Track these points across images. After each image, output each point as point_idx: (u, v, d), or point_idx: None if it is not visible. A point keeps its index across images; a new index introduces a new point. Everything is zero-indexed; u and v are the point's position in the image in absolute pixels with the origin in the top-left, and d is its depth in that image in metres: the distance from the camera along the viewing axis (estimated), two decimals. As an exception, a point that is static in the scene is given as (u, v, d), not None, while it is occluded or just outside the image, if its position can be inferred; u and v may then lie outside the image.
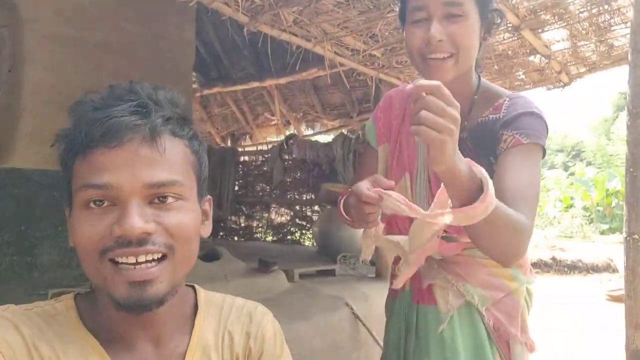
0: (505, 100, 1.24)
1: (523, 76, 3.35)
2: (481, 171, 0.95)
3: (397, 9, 1.30)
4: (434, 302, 1.30)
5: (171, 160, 0.68)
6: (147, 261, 0.65)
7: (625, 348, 1.46)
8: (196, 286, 0.84)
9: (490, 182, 0.94)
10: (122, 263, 0.64)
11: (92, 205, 0.65)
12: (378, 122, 1.44)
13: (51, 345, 0.66)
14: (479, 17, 1.17)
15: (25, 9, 2.86)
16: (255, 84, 5.76)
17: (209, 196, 0.80)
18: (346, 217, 1.22)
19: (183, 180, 0.69)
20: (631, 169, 1.39)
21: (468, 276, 1.26)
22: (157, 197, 0.67)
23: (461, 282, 1.26)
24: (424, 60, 1.18)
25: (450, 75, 1.18)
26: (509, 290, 1.27)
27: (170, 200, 0.67)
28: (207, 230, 0.78)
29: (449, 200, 0.99)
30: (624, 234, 1.41)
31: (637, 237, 1.37)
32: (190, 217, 0.70)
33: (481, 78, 1.30)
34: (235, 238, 6.62)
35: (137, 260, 0.64)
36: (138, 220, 0.63)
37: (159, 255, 0.66)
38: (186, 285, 0.82)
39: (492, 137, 1.20)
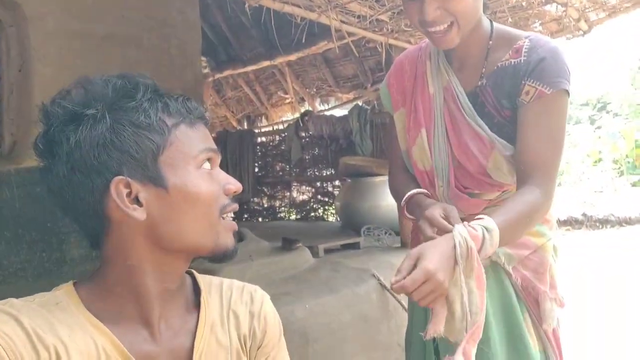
0: (524, 42, 1.20)
1: (540, 27, 3.22)
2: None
3: None
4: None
5: None
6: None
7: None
8: (193, 271, 0.87)
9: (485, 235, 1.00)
10: (227, 218, 0.78)
11: (204, 167, 0.76)
12: (391, 89, 1.43)
13: (56, 333, 0.66)
14: None
15: (28, 6, 2.85)
16: (266, 63, 5.70)
17: None
18: (411, 217, 1.28)
19: None
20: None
21: None
22: None
23: None
24: (426, 32, 1.18)
25: (456, 41, 1.17)
26: (535, 246, 1.24)
27: None
28: None
29: None
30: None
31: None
32: None
33: (494, 23, 1.27)
34: (260, 219, 6.66)
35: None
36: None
37: None
38: None
39: (515, 82, 1.18)
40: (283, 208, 6.52)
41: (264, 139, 6.70)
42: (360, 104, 5.40)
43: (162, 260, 0.74)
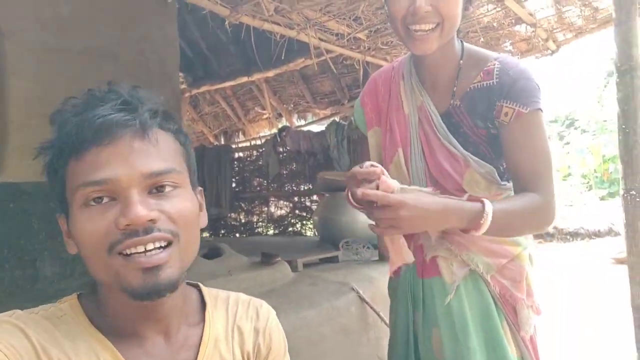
0: (495, 65, 1.24)
1: (510, 47, 3.34)
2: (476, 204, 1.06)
3: None
4: (438, 274, 1.29)
5: (164, 150, 0.70)
6: (155, 248, 0.66)
7: (630, 304, 1.47)
8: (199, 284, 0.85)
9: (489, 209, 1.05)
10: (132, 254, 0.66)
11: (92, 203, 0.66)
12: (365, 108, 1.45)
13: (60, 346, 0.66)
14: None
15: (4, 22, 2.83)
16: (244, 79, 5.73)
17: (199, 187, 0.82)
18: (357, 205, 1.21)
19: (178, 168, 0.71)
20: (623, 126, 1.39)
21: (470, 244, 1.25)
22: (155, 187, 0.69)
23: (464, 252, 1.26)
24: (408, 31, 1.18)
25: (434, 47, 1.19)
26: (512, 255, 1.28)
27: (168, 189, 0.69)
28: (204, 220, 0.80)
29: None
30: (621, 191, 1.42)
31: (635, 193, 1.37)
32: (189, 203, 0.72)
33: (464, 43, 1.31)
34: (237, 234, 6.62)
35: (145, 248, 0.66)
36: (142, 208, 0.65)
37: (165, 243, 0.68)
38: (188, 284, 0.83)
39: (489, 104, 1.22)
40: (260, 223, 6.50)
41: (241, 154, 6.69)
42: (337, 119, 5.46)
43: (112, 292, 0.70)
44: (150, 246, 0.66)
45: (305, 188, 5.99)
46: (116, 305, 0.71)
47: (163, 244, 0.67)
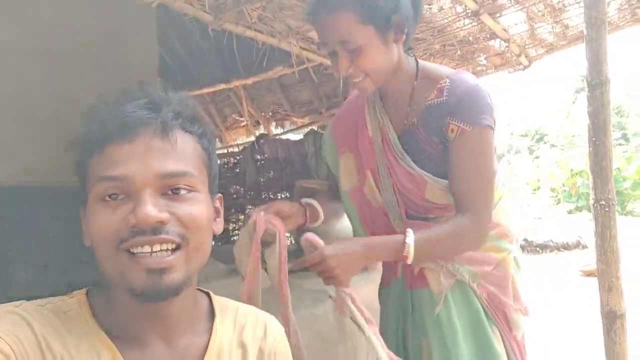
0: (446, 83, 1.27)
1: (485, 61, 3.43)
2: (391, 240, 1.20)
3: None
4: (426, 285, 1.33)
5: (183, 153, 0.71)
6: (162, 250, 0.67)
7: (600, 311, 1.52)
8: (210, 292, 0.85)
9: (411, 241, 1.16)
10: (138, 253, 0.66)
11: (107, 198, 0.68)
12: (338, 135, 1.49)
13: (63, 342, 0.65)
14: (375, 33, 1.18)
15: (-21, 20, 2.77)
16: (222, 86, 5.71)
17: (219, 194, 0.82)
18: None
19: (195, 172, 0.71)
20: (593, 138, 1.45)
21: None
22: (170, 188, 0.69)
23: (449, 262, 1.29)
24: (349, 82, 1.27)
25: (372, 89, 1.27)
26: (496, 261, 1.31)
27: (183, 192, 0.70)
28: (219, 227, 0.81)
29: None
30: (592, 201, 1.48)
31: (604, 203, 1.44)
32: (202, 208, 0.72)
33: (419, 61, 1.34)
34: (212, 243, 6.57)
35: (152, 249, 0.66)
36: (152, 208, 0.65)
37: (173, 246, 0.68)
38: (199, 290, 0.83)
39: (441, 121, 1.25)
40: (237, 231, 6.47)
41: (218, 161, 6.66)
42: (315, 128, 5.50)
43: (118, 290, 0.70)
44: (156, 247, 0.66)
45: (283, 196, 5.99)
46: (121, 303, 0.71)
47: (170, 247, 0.68)
